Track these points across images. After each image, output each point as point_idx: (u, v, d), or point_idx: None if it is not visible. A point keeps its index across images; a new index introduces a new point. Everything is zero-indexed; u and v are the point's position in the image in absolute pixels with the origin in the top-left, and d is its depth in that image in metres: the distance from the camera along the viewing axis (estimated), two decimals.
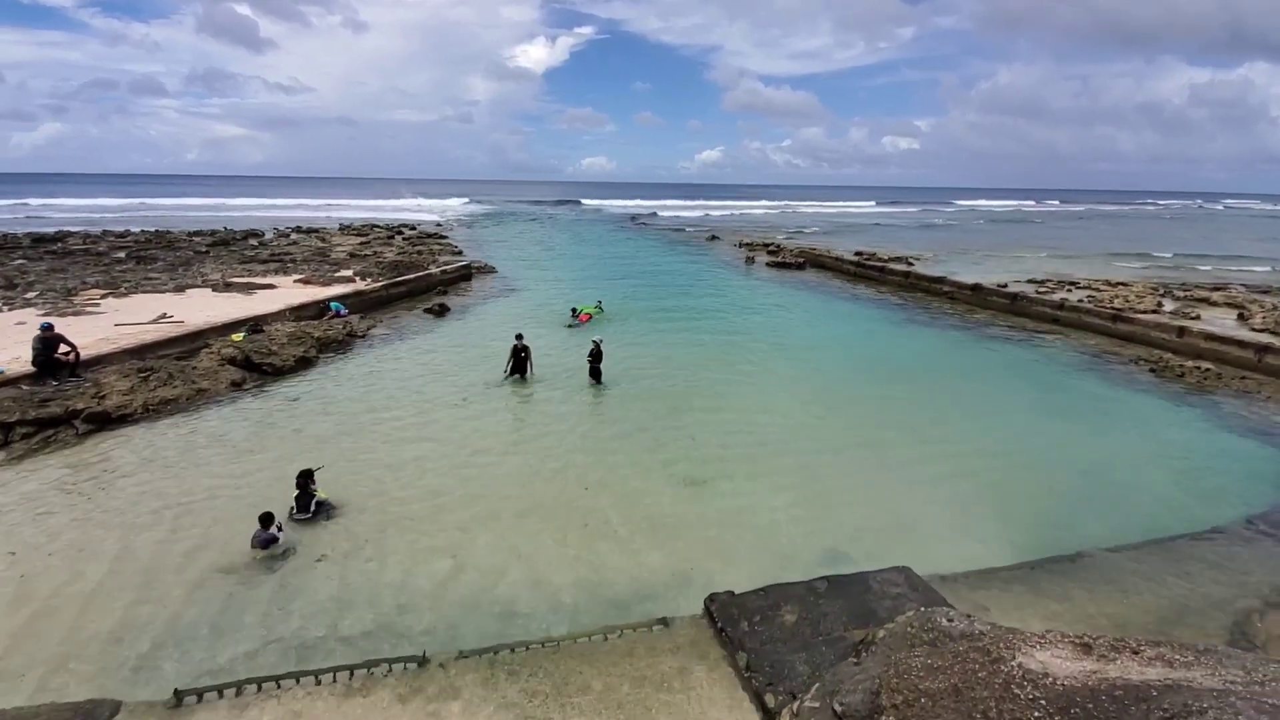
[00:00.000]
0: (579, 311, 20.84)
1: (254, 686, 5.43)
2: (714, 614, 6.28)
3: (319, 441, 10.95)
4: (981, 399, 14.31)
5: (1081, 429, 12.53)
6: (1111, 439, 12.02)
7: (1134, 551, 8.14)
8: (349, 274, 26.06)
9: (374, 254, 33.41)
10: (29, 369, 12.20)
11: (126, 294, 20.60)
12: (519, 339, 14.47)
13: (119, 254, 30.77)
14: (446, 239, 45.88)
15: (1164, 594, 7.23)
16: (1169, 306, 22.35)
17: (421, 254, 34.51)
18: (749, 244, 46.57)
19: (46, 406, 11.05)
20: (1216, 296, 24.36)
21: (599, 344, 14.43)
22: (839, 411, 13.22)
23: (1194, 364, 16.35)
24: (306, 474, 8.67)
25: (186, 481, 9.47)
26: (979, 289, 25.80)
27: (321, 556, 7.68)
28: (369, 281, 24.19)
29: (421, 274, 26.08)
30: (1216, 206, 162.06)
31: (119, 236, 39.42)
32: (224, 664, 6.00)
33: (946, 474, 10.32)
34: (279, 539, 7.72)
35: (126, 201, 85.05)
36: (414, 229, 51.97)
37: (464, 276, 28.58)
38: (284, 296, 20.77)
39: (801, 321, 22.69)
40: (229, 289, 21.99)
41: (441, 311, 21.60)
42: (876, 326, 22.01)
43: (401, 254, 33.82)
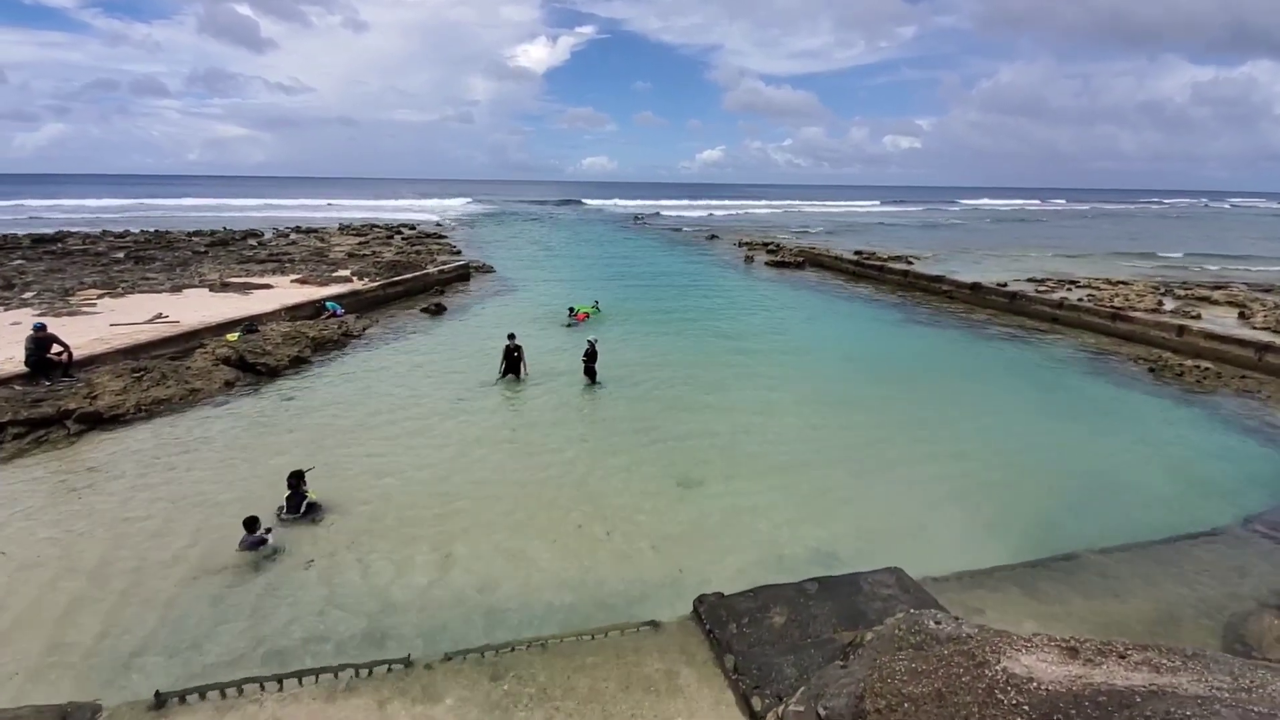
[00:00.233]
0: (576, 311, 20.79)
1: (236, 689, 5.39)
2: (703, 615, 6.22)
3: (311, 442, 10.90)
4: (978, 398, 14.22)
5: (1079, 429, 12.44)
6: (1109, 439, 11.93)
7: (1129, 552, 8.05)
8: (346, 274, 26.03)
9: (372, 254, 33.37)
10: (22, 369, 12.15)
11: (123, 294, 20.58)
12: (511, 339, 14.37)
13: (118, 254, 30.76)
14: (445, 239, 45.86)
15: (1159, 596, 7.15)
16: (1169, 305, 22.24)
17: (420, 254, 34.48)
18: (748, 243, 46.48)
19: (38, 407, 11.01)
20: (1218, 295, 24.24)
21: (594, 344, 14.36)
22: (835, 411, 13.14)
23: (1193, 363, 16.24)
24: (297, 475, 8.64)
25: (177, 482, 9.42)
26: (978, 288, 25.70)
27: (310, 560, 7.63)
28: (366, 281, 24.14)
29: (419, 274, 26.04)
30: (1223, 205, 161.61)
31: (118, 237, 39.43)
32: (209, 666, 5.94)
33: (942, 474, 10.24)
34: (267, 540, 7.67)
35: (127, 202, 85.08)
36: (413, 229, 51.97)
37: (462, 276, 28.52)
38: (280, 296, 20.73)
39: (799, 321, 22.60)
40: (226, 289, 21.96)
41: (438, 311, 21.56)
42: (874, 326, 21.92)
43: (400, 254, 33.80)
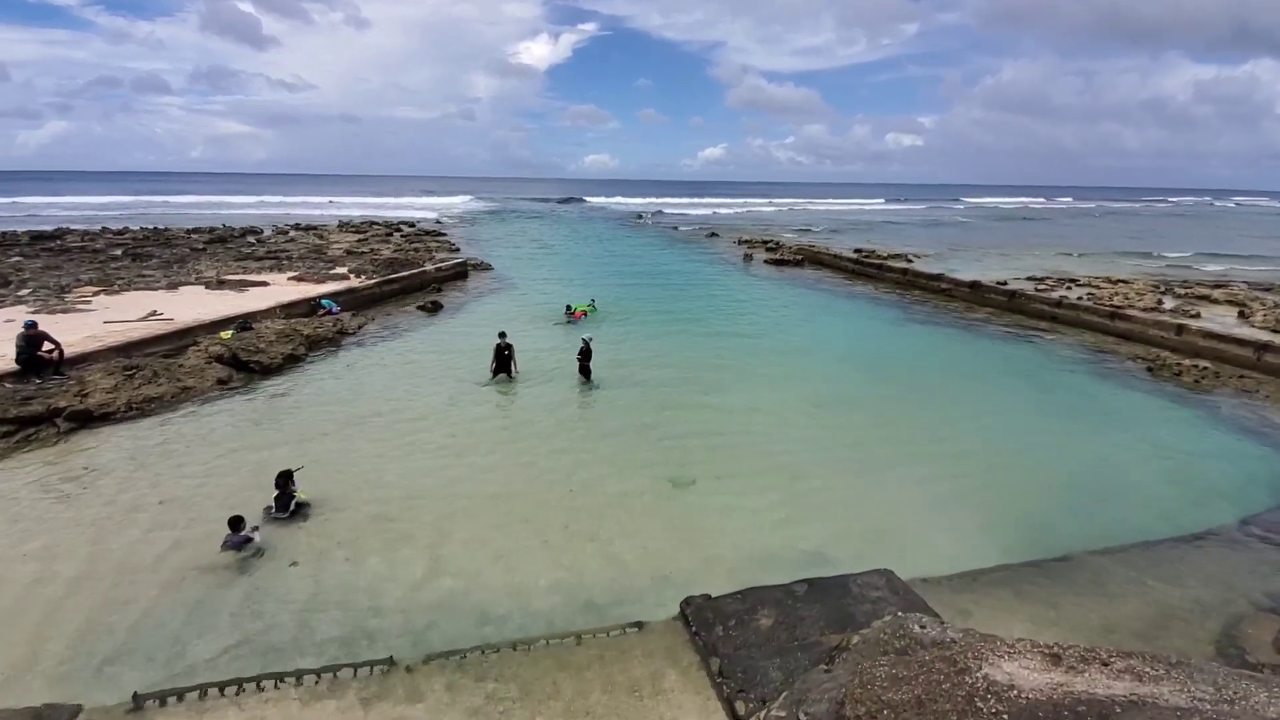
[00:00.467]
0: (573, 309, 20.71)
1: (216, 690, 5.34)
2: (689, 617, 6.15)
3: (302, 440, 10.84)
4: (975, 398, 14.14)
5: (1076, 428, 12.35)
6: (1105, 439, 11.83)
7: (1123, 554, 7.98)
8: (344, 271, 25.96)
9: (370, 251, 33.29)
10: (12, 367, 12.10)
11: (119, 291, 20.51)
12: (502, 337, 14.27)
13: (115, 251, 30.69)
14: (445, 236, 45.75)
15: (1152, 598, 7.08)
16: (1169, 304, 22.12)
17: (418, 251, 34.40)
18: (748, 241, 46.36)
19: (28, 405, 10.96)
20: (1217, 294, 24.13)
21: (589, 342, 14.28)
22: (831, 410, 13.06)
23: (1192, 362, 16.14)
24: (286, 474, 8.58)
25: (165, 481, 9.37)
26: (977, 286, 25.59)
27: (295, 560, 7.57)
28: (363, 279, 24.07)
29: (416, 271, 25.97)
30: (1228, 204, 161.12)
31: (117, 234, 39.33)
32: (190, 667, 5.88)
33: (938, 473, 10.16)
34: (253, 539, 7.62)
35: (127, 199, 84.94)
36: (413, 226, 51.87)
37: (459, 274, 28.42)
38: (276, 294, 20.66)
39: (796, 319, 22.50)
40: (222, 286, 21.89)
41: (434, 309, 21.49)
42: (872, 324, 21.82)
43: (398, 251, 33.71)
